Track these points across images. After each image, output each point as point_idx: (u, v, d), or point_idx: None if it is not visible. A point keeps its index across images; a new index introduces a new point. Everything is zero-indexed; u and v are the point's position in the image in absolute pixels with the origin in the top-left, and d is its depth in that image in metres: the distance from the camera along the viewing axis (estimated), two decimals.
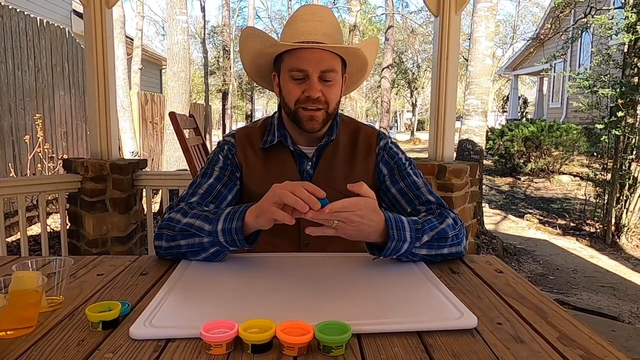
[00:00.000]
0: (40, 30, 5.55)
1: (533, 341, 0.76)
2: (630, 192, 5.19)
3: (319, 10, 1.23)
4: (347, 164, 1.30)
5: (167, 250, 1.15)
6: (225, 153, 1.30)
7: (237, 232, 1.05)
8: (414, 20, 22.26)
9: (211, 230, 1.07)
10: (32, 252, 3.54)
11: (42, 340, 0.76)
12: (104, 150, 3.07)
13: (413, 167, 1.33)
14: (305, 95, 1.19)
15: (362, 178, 1.29)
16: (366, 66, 1.33)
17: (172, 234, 1.13)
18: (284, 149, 1.30)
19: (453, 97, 3.00)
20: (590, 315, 3.16)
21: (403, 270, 1.08)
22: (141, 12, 12.04)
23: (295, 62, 1.18)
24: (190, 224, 1.11)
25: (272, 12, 33.00)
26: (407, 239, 1.06)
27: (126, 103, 7.87)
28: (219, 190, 1.25)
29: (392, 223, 1.04)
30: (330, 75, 1.20)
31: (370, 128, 1.38)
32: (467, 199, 3.05)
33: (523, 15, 25.41)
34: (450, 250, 1.14)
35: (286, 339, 0.70)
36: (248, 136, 1.33)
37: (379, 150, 1.33)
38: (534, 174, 9.45)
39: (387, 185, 1.30)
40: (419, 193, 1.27)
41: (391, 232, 1.04)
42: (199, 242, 1.09)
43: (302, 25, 1.21)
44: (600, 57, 5.93)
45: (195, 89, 23.09)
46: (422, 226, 1.10)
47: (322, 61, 1.18)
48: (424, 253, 1.11)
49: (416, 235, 1.08)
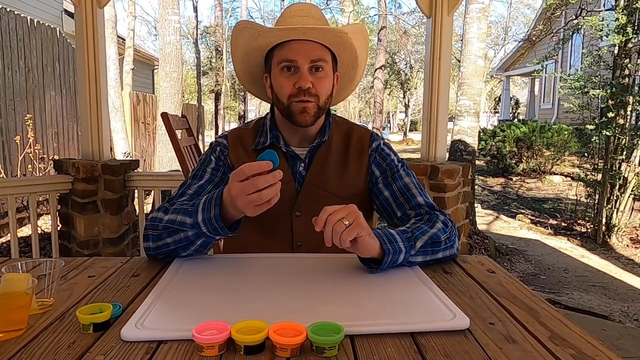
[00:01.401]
0: (31, 30, 5.51)
1: (525, 341, 0.77)
2: (621, 192, 5.24)
3: (306, 7, 1.25)
4: (340, 165, 1.30)
5: (156, 250, 1.14)
6: (217, 154, 1.30)
7: (217, 219, 1.02)
8: (407, 21, 22.36)
9: (193, 223, 1.06)
10: (22, 254, 3.50)
11: (32, 343, 0.75)
12: (95, 151, 3.05)
13: (405, 167, 1.32)
14: (296, 87, 1.19)
15: (355, 179, 1.29)
16: (356, 59, 1.32)
17: (157, 233, 1.12)
18: (277, 150, 1.29)
19: (445, 98, 3.01)
20: (581, 314, 3.19)
21: (396, 272, 1.08)
22: (133, 12, 11.97)
23: (285, 54, 1.19)
24: (172, 220, 1.10)
25: (264, 13, 32.93)
26: (402, 249, 1.05)
27: (118, 103, 7.82)
28: (209, 191, 1.23)
29: (384, 239, 1.04)
30: (320, 64, 1.20)
31: (364, 129, 1.38)
32: (460, 200, 3.06)
33: (515, 17, 25.62)
34: (445, 254, 1.15)
35: (279, 340, 0.70)
36: (240, 137, 1.33)
37: (372, 152, 1.32)
38: (525, 174, 9.52)
39: (380, 188, 1.30)
40: (409, 196, 1.26)
41: (385, 246, 1.03)
42: (185, 237, 1.08)
43: (291, 21, 1.22)
44: (591, 58, 5.98)
45: (188, 89, 23.01)
46: (412, 234, 1.10)
47: (311, 51, 1.19)
48: (420, 260, 1.10)
49: (409, 244, 1.07)
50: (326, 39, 1.21)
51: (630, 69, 5.28)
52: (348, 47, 1.27)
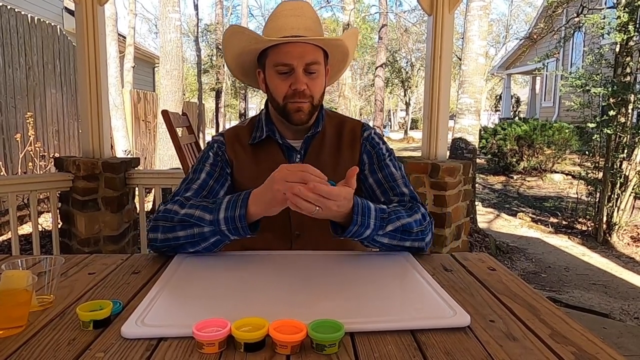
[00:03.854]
0: (32, 28, 5.50)
1: (525, 338, 0.76)
2: (622, 191, 5.23)
3: (298, 6, 1.26)
4: (334, 155, 1.33)
5: (164, 242, 1.14)
6: (215, 150, 1.32)
7: (241, 219, 1.06)
8: (408, 19, 22.31)
9: (212, 220, 1.08)
10: (23, 252, 3.51)
11: (32, 339, 0.75)
12: (96, 149, 3.05)
13: (392, 158, 1.36)
14: (292, 89, 1.22)
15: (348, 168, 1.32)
16: (347, 56, 1.37)
17: (170, 225, 1.13)
18: (273, 143, 1.32)
19: (446, 95, 3.01)
20: (582, 312, 3.19)
21: (396, 269, 1.08)
22: (133, 10, 11.96)
23: (280, 57, 1.21)
24: (189, 214, 1.11)
25: (265, 10, 32.81)
26: (371, 226, 1.09)
27: (118, 101, 7.82)
28: (211, 186, 1.26)
29: (359, 209, 1.07)
30: (314, 67, 1.23)
31: (355, 120, 1.42)
32: (460, 198, 3.06)
33: (516, 15, 25.54)
34: (413, 244, 1.17)
35: (279, 337, 0.70)
36: (237, 134, 1.36)
37: (363, 141, 1.36)
38: (526, 172, 9.51)
39: (365, 174, 1.33)
40: (394, 184, 1.30)
41: (355, 216, 1.07)
42: (199, 232, 1.10)
43: (284, 21, 1.23)
44: (593, 56, 5.97)
45: (189, 87, 23.00)
46: (389, 215, 1.13)
47: (305, 54, 1.21)
48: (386, 242, 1.14)
49: (380, 224, 1.11)
50: (320, 41, 1.24)
51: (631, 67, 5.27)
52: (341, 49, 1.31)
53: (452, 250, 2.93)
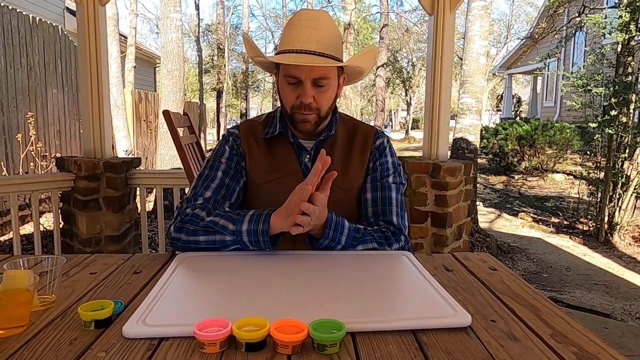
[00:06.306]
0: (33, 28, 5.51)
1: (527, 338, 0.76)
2: (623, 191, 5.22)
3: (316, 16, 1.25)
4: (344, 158, 1.34)
5: (185, 243, 1.19)
6: (230, 144, 1.35)
7: (264, 234, 1.12)
8: (409, 18, 22.29)
9: (235, 230, 1.14)
10: (25, 252, 3.51)
11: (33, 339, 0.75)
12: (97, 149, 3.05)
13: (397, 175, 1.35)
14: (299, 101, 1.24)
15: (357, 173, 1.36)
16: (361, 74, 1.37)
17: (194, 229, 1.18)
18: (285, 140, 1.34)
19: (447, 95, 3.01)
20: (583, 312, 3.18)
21: (398, 269, 1.08)
22: (135, 10, 11.97)
23: (290, 70, 1.23)
24: (214, 222, 1.17)
25: (266, 11, 32.90)
26: (342, 242, 1.17)
27: (120, 101, 7.82)
28: (227, 184, 1.30)
29: (332, 224, 1.14)
30: (324, 81, 1.23)
31: (369, 126, 1.42)
32: (462, 198, 3.05)
33: (517, 14, 25.51)
34: None
35: (280, 337, 0.70)
36: (252, 127, 1.38)
37: (374, 149, 1.36)
38: (527, 172, 9.50)
39: (367, 187, 1.33)
40: (387, 210, 1.30)
41: (327, 231, 1.14)
42: (221, 240, 1.15)
43: (298, 32, 1.22)
44: (594, 56, 5.96)
45: (190, 87, 23.01)
46: (362, 236, 1.20)
47: (314, 69, 1.21)
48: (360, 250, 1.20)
49: (352, 243, 1.18)
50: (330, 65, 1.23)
51: (633, 67, 5.26)
52: (354, 67, 1.32)
53: (453, 250, 2.93)
